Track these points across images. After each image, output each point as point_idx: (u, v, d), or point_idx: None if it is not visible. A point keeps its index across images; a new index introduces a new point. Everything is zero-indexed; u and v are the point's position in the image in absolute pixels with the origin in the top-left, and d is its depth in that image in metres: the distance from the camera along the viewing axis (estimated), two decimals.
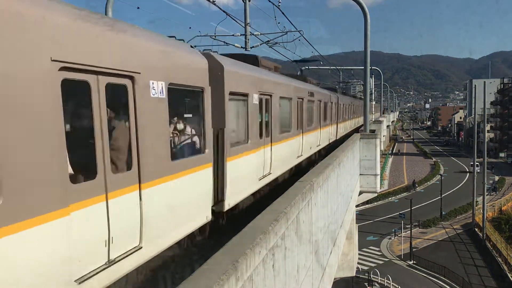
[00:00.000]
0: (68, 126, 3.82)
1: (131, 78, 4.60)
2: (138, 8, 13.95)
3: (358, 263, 27.47)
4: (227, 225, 7.92)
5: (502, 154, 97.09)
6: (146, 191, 4.80)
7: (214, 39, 18.50)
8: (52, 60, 3.51)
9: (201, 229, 6.81)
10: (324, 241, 8.88)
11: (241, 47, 19.20)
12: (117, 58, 4.40)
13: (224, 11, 15.63)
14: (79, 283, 3.75)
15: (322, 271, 8.51)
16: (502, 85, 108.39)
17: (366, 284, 32.53)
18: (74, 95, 4.07)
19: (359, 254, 26.95)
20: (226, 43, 18.45)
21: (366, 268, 35.03)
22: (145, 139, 4.82)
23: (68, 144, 3.67)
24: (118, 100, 4.58)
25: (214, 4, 14.57)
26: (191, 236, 6.54)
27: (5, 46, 3.14)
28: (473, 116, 63.53)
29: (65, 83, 3.67)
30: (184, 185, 5.76)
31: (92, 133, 4.11)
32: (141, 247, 4.72)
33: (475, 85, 58.39)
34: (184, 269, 6.16)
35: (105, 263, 4.17)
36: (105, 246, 4.18)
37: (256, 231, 4.41)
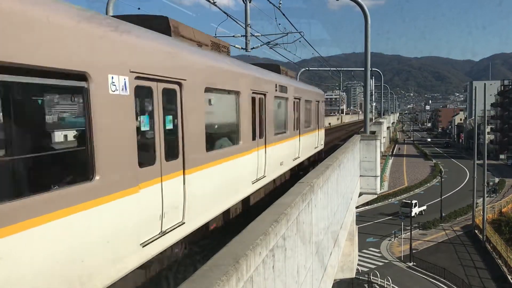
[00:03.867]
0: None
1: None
2: (139, 9, 13.98)
3: (358, 264, 27.47)
4: (226, 225, 7.96)
5: (502, 156, 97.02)
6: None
7: None
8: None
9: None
10: (325, 242, 8.90)
11: (242, 48, 19.22)
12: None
13: (224, 12, 15.65)
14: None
15: (323, 272, 8.52)
16: (502, 87, 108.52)
17: (366, 285, 32.50)
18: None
19: (359, 255, 26.95)
20: None
21: (366, 269, 35.02)
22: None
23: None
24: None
25: (215, 5, 14.60)
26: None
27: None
28: (473, 118, 63.54)
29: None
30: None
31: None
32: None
33: (476, 87, 58.24)
34: (186, 269, 6.19)
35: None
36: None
37: (256, 231, 4.42)
